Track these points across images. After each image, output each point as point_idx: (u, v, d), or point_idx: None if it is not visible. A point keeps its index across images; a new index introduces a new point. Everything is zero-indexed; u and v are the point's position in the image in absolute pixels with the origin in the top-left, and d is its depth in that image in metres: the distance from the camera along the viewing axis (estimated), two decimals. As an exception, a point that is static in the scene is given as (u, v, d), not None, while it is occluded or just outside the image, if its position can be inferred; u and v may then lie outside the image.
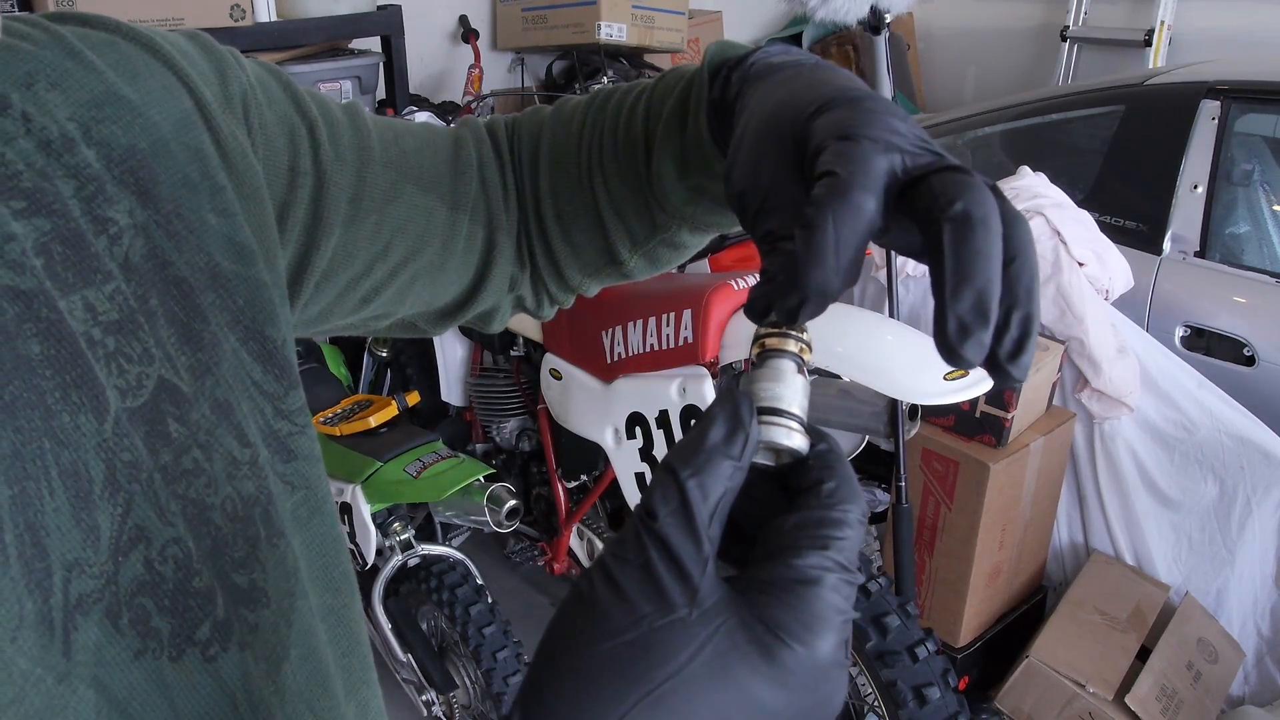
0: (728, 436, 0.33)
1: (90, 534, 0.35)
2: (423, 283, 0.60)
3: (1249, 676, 2.14)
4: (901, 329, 1.71)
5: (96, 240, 0.39)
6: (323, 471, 0.48)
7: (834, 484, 0.34)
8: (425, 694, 2.03)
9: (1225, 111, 2.30)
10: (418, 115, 2.12)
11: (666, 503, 0.32)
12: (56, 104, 0.40)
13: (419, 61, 3.53)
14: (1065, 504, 2.25)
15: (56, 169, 0.39)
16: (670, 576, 0.31)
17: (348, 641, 0.48)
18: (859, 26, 1.94)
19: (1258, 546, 2.06)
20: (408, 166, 0.58)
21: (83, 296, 0.38)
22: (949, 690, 1.63)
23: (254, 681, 0.40)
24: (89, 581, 0.35)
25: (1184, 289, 2.28)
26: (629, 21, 3.40)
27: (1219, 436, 2.03)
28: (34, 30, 0.42)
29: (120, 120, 0.42)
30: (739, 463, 0.33)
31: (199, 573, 0.39)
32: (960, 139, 3.07)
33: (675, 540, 0.31)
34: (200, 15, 2.59)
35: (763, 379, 0.36)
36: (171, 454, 0.39)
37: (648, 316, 1.77)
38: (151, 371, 0.39)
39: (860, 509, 0.34)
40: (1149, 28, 3.86)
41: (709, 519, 0.32)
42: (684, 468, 0.32)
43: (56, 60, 0.41)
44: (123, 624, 0.36)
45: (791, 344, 0.36)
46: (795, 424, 0.35)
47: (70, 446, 0.36)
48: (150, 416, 0.39)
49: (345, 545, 0.50)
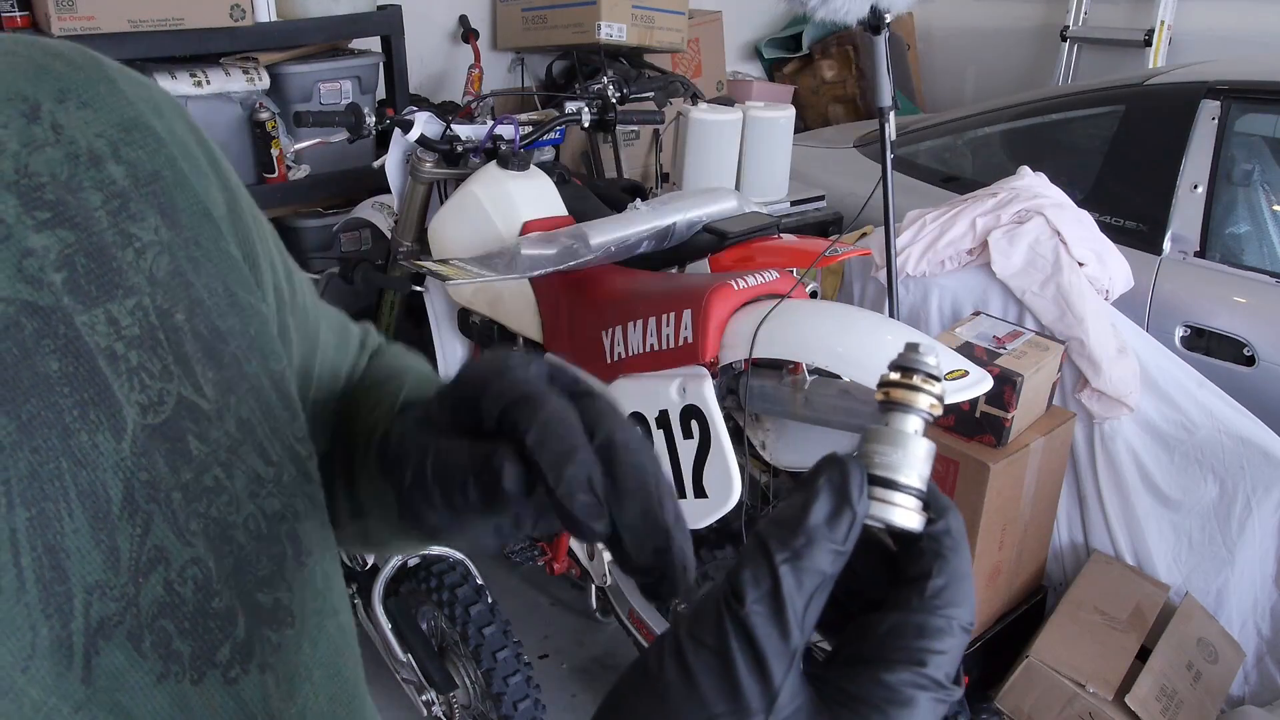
0: (832, 516, 0.30)
1: (110, 555, 0.35)
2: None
3: (1249, 676, 2.14)
4: (901, 329, 1.71)
5: (122, 254, 0.39)
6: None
7: (942, 581, 0.31)
8: (425, 694, 2.03)
9: (1225, 111, 2.30)
10: (418, 115, 2.12)
11: (757, 586, 0.29)
12: (87, 120, 0.40)
13: (419, 61, 3.53)
14: (1065, 504, 2.25)
15: (85, 180, 0.39)
16: (750, 674, 0.28)
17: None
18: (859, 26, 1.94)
19: (1258, 546, 2.06)
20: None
21: (106, 310, 0.37)
22: (949, 690, 1.63)
23: (274, 703, 0.40)
24: (110, 604, 0.34)
25: (1184, 289, 2.28)
26: (629, 21, 3.40)
27: (1219, 436, 2.03)
28: (74, 54, 0.42)
29: (146, 146, 0.42)
30: (842, 548, 0.30)
31: (219, 593, 0.38)
32: (960, 139, 3.07)
33: (761, 632, 0.28)
34: (200, 15, 2.59)
35: (881, 440, 0.32)
36: (192, 472, 0.39)
37: (648, 316, 1.77)
38: (171, 389, 0.39)
39: (967, 614, 0.31)
40: (1149, 28, 3.86)
41: (802, 611, 0.29)
42: (780, 549, 0.29)
43: (89, 83, 0.41)
44: (145, 647, 0.35)
45: (922, 399, 0.32)
46: (912, 499, 0.32)
47: (88, 466, 0.35)
48: (171, 434, 0.38)
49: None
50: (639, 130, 3.39)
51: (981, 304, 2.24)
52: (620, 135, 3.09)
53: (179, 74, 2.65)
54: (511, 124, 2.17)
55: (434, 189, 2.29)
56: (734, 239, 1.97)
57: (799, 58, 4.65)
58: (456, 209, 2.07)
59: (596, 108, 2.29)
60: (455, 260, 1.89)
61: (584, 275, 1.91)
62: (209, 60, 2.74)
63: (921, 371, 0.33)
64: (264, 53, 2.83)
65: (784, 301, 1.66)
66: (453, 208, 2.08)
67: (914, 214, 2.34)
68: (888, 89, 2.06)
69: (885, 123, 2.06)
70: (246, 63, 2.79)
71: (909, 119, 3.43)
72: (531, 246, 1.87)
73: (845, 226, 2.79)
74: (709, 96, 3.48)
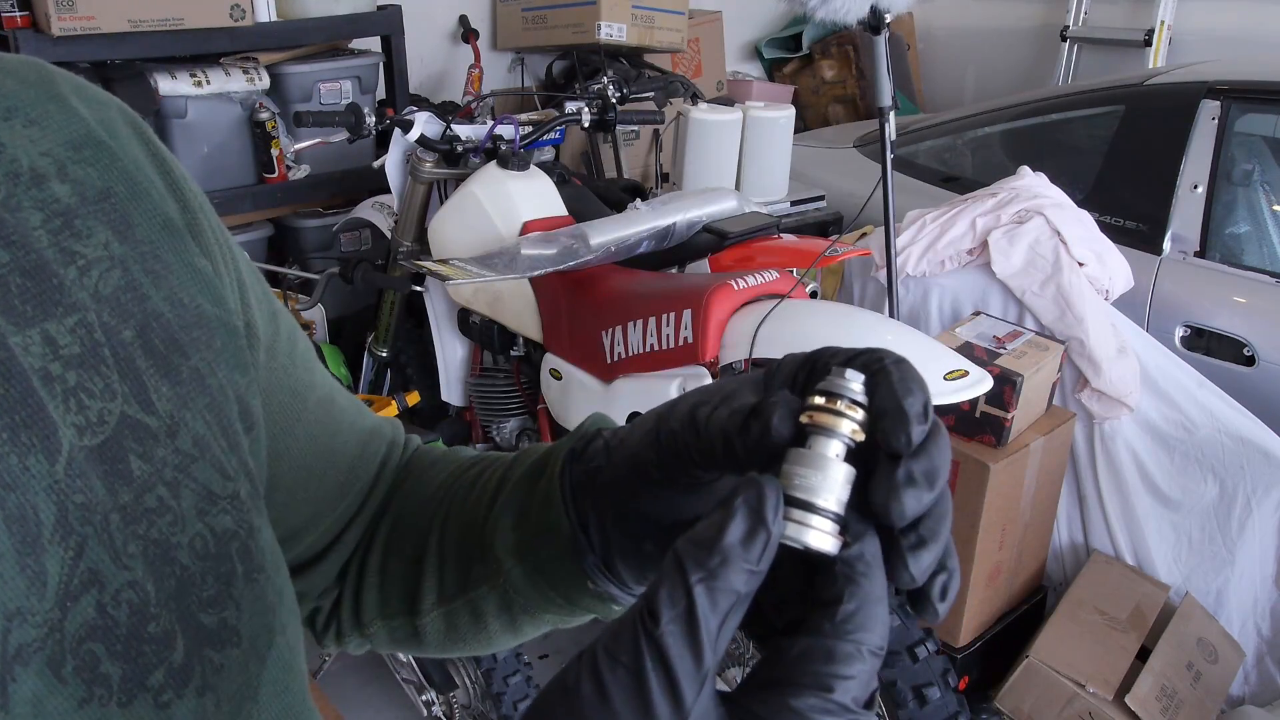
0: (747, 536, 0.30)
1: (35, 581, 0.34)
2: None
3: (1249, 676, 2.14)
4: (901, 329, 1.71)
5: (65, 271, 0.38)
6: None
7: (853, 606, 0.31)
8: (425, 694, 2.03)
9: (1225, 111, 2.30)
10: (418, 115, 2.12)
11: (672, 606, 0.29)
12: (33, 138, 0.40)
13: (419, 61, 3.53)
14: (1065, 504, 2.25)
15: (24, 200, 0.38)
16: (662, 693, 0.28)
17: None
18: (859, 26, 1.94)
19: (1258, 546, 2.06)
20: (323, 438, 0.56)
21: (42, 330, 0.37)
22: (949, 690, 1.63)
23: None
24: (30, 631, 0.34)
25: (1184, 289, 2.28)
26: (629, 21, 3.40)
27: (1219, 436, 2.03)
28: (26, 71, 0.42)
29: (98, 164, 0.41)
30: (756, 568, 0.30)
31: (156, 617, 0.38)
32: (960, 139, 3.07)
33: (674, 653, 0.29)
34: (200, 15, 2.59)
35: (801, 463, 0.32)
36: (132, 493, 0.38)
37: (648, 316, 1.77)
38: (114, 408, 0.38)
39: (877, 639, 0.31)
40: (1149, 28, 3.87)
41: (716, 631, 0.29)
42: (695, 569, 0.29)
43: (37, 100, 0.41)
44: (66, 672, 0.34)
45: (845, 425, 0.33)
46: (829, 522, 0.32)
47: (17, 490, 0.34)
48: (111, 454, 0.38)
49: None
50: (639, 130, 3.39)
51: (981, 304, 2.24)
52: (620, 135, 3.09)
53: (179, 74, 2.65)
54: (511, 124, 2.17)
55: (434, 189, 2.29)
56: (734, 239, 1.97)
57: (799, 58, 4.65)
58: (456, 209, 2.07)
59: (596, 108, 2.29)
60: (455, 260, 1.89)
61: (584, 275, 1.91)
62: (209, 60, 2.74)
63: (846, 397, 0.33)
64: (264, 53, 2.84)
65: (784, 301, 1.66)
66: (453, 208, 2.08)
67: (914, 214, 2.34)
68: (888, 89, 2.06)
69: (885, 123, 2.06)
70: (246, 63, 2.79)
71: (909, 119, 3.43)
72: (531, 246, 1.87)
73: (845, 226, 2.79)
74: (709, 96, 3.48)
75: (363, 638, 0.60)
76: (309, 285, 2.66)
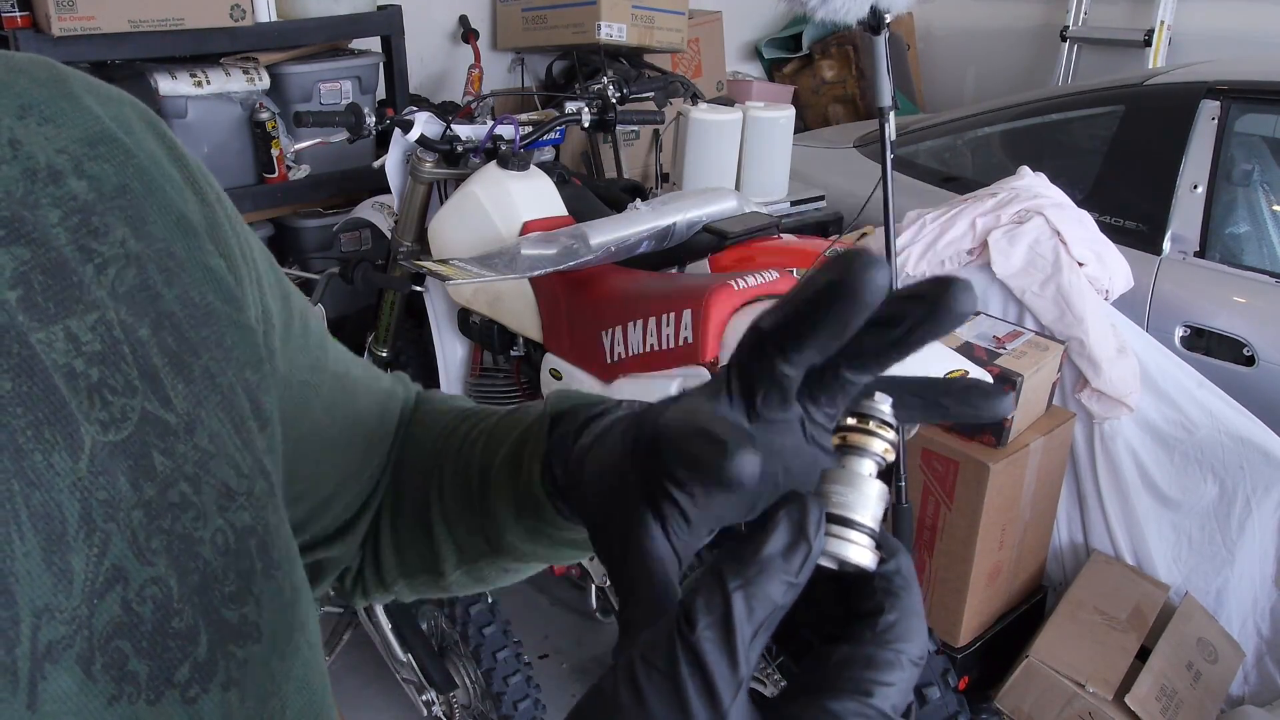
0: (788, 549, 0.30)
1: (62, 577, 0.34)
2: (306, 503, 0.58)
3: (1249, 676, 2.14)
4: (901, 329, 1.71)
5: (82, 269, 0.38)
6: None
7: (894, 616, 0.32)
8: (425, 694, 2.03)
9: (1225, 111, 2.30)
10: (418, 115, 2.12)
11: (709, 613, 0.29)
12: (48, 136, 0.40)
13: (419, 61, 3.53)
14: (1065, 504, 2.25)
15: (42, 197, 0.38)
16: (699, 699, 0.29)
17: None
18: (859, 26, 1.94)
19: (1258, 546, 2.06)
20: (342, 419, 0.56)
21: (64, 327, 0.37)
22: (949, 690, 1.63)
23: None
24: (60, 628, 0.34)
25: (1184, 289, 2.28)
26: (629, 21, 3.40)
27: (1219, 436, 2.03)
28: (38, 70, 0.42)
29: (113, 160, 0.41)
30: (795, 580, 0.30)
31: (180, 612, 0.38)
32: (960, 139, 3.07)
33: (711, 658, 0.29)
34: (200, 15, 2.59)
35: (837, 481, 0.33)
36: (156, 488, 0.38)
37: (648, 316, 1.77)
38: (135, 404, 0.38)
39: (917, 650, 0.32)
40: (1149, 28, 3.87)
41: (750, 639, 0.29)
42: (733, 577, 0.30)
43: (51, 98, 0.41)
44: (95, 669, 0.35)
45: (877, 444, 0.34)
46: (865, 537, 0.33)
47: (42, 487, 0.34)
48: (134, 450, 0.38)
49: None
50: (639, 130, 3.39)
51: (981, 304, 2.24)
52: (620, 135, 3.09)
53: (179, 74, 2.65)
54: (511, 124, 2.17)
55: (434, 189, 2.29)
56: (734, 239, 1.97)
57: (799, 58, 4.65)
58: (456, 209, 2.07)
59: (596, 108, 2.29)
60: (455, 260, 1.89)
61: (584, 275, 1.91)
62: (209, 60, 2.74)
63: (876, 418, 0.34)
64: (264, 53, 2.83)
65: (784, 301, 1.66)
66: (453, 208, 2.08)
67: (914, 214, 2.34)
68: (888, 89, 2.06)
69: (885, 123, 2.06)
70: (246, 63, 2.79)
71: (909, 119, 3.43)
72: (531, 246, 1.87)
73: (845, 226, 2.79)
74: (709, 96, 3.48)
75: (388, 593, 0.63)
76: (309, 285, 2.66)
